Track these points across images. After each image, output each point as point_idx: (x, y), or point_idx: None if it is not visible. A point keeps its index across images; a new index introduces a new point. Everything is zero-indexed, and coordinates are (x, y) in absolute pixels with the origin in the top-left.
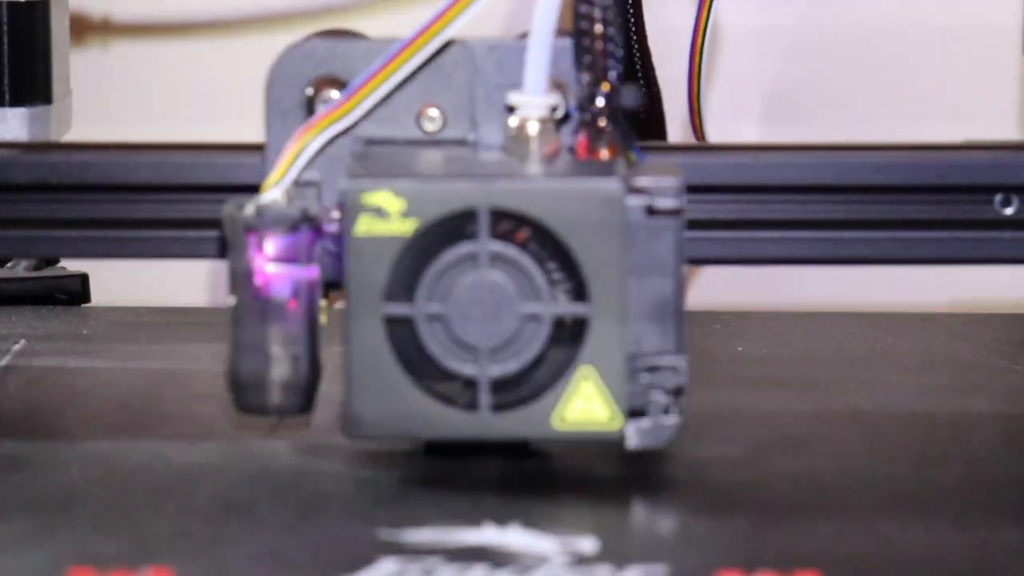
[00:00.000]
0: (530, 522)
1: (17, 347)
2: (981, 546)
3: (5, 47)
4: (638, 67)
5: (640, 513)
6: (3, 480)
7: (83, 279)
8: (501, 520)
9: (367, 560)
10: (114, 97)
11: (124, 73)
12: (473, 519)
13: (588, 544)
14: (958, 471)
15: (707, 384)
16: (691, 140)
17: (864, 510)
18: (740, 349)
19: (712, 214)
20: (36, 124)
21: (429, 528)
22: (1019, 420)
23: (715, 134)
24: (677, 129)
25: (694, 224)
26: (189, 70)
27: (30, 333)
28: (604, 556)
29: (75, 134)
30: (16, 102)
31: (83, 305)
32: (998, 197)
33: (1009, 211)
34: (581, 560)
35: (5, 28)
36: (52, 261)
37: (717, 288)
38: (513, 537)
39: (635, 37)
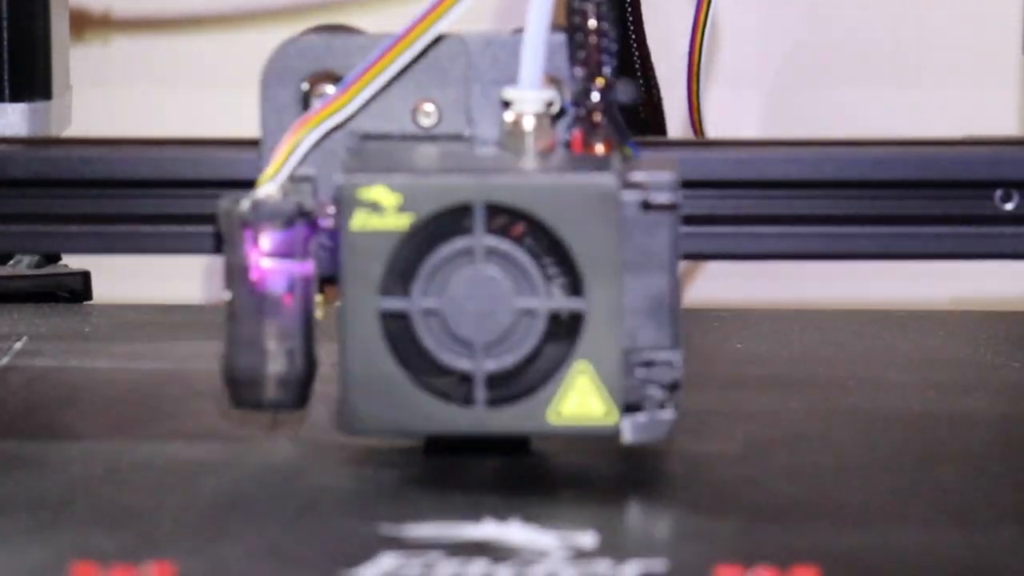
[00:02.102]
0: (530, 517)
1: (19, 345)
2: (979, 542)
3: (5, 42)
4: (637, 65)
5: (639, 508)
6: (5, 477)
7: (85, 277)
8: (501, 515)
9: (368, 555)
10: (114, 92)
11: (124, 68)
12: (473, 514)
13: (588, 539)
14: (956, 467)
15: (706, 381)
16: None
17: (862, 506)
18: (739, 346)
19: (712, 209)
20: (36, 119)
21: (429, 523)
22: (1017, 417)
23: (714, 133)
24: (676, 127)
25: (694, 219)
26: (189, 65)
27: (32, 331)
28: (603, 551)
29: (75, 129)
30: (16, 97)
31: (85, 303)
32: (998, 192)
33: (1009, 206)
34: (581, 555)
35: (5, 23)
36: (54, 258)
37: (717, 284)
38: (513, 532)
39: (634, 36)
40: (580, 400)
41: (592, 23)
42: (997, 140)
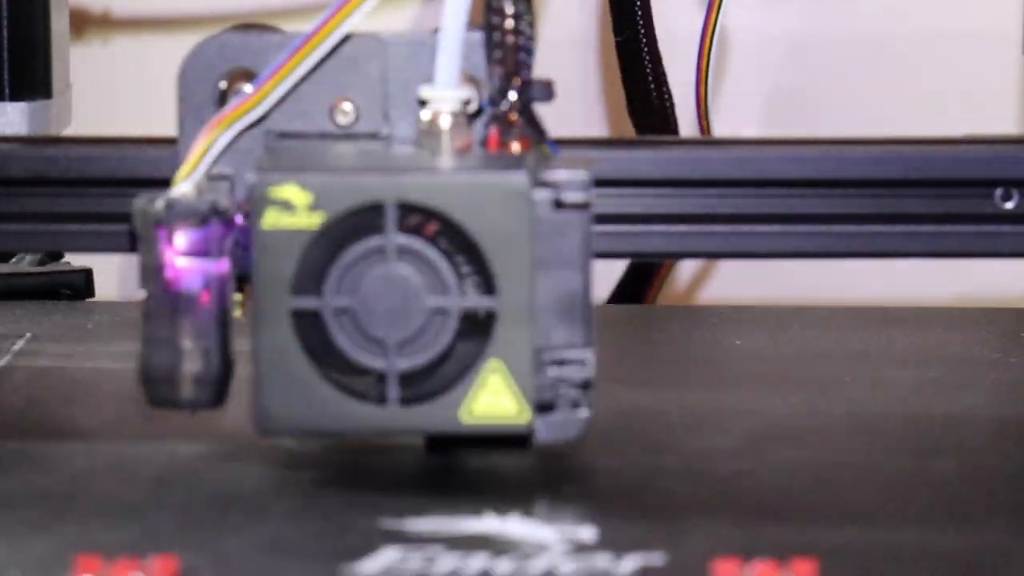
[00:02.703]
0: (530, 511)
1: (21, 342)
2: (976, 537)
3: (5, 41)
4: (648, 69)
5: (638, 502)
6: (9, 472)
7: (87, 274)
8: (501, 509)
9: (369, 548)
10: (114, 91)
11: (124, 68)
12: (474, 508)
13: (587, 533)
14: (953, 463)
15: (705, 377)
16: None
17: (860, 501)
18: (738, 343)
19: (713, 208)
20: (36, 118)
21: (430, 517)
22: (1015, 414)
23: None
24: (686, 131)
25: (695, 219)
26: None
27: (34, 328)
28: (603, 545)
29: (75, 128)
30: (16, 96)
31: (87, 300)
32: (998, 191)
33: (1009, 205)
34: (580, 548)
35: (5, 22)
36: (56, 256)
37: (717, 282)
38: (513, 526)
39: (645, 41)
40: (492, 399)
41: (509, 22)
42: (997, 139)
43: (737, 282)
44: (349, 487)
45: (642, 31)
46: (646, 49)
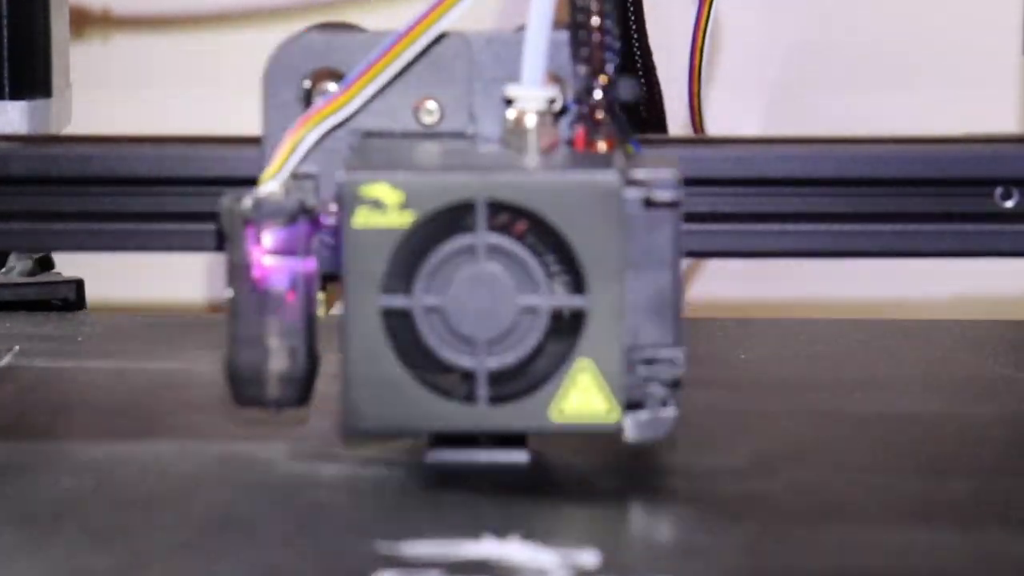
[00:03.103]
0: (530, 534)
1: (12, 353)
2: (987, 556)
3: (5, 40)
4: (639, 63)
5: (642, 524)
6: None
7: (78, 285)
8: (501, 532)
9: (365, 573)
10: (114, 90)
11: (124, 67)
12: (473, 531)
13: (589, 557)
14: (963, 480)
15: (710, 393)
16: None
17: (869, 520)
18: (743, 357)
19: (711, 207)
20: (36, 117)
21: (428, 541)
22: (1023, 427)
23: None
24: (676, 127)
25: (694, 217)
26: (188, 64)
27: (25, 339)
28: (606, 569)
29: (75, 127)
30: (16, 95)
31: (78, 311)
32: (998, 190)
33: (1009, 204)
34: (582, 573)
35: (5, 21)
36: (47, 266)
37: (716, 281)
38: (513, 550)
39: (636, 35)
40: (582, 398)
41: (595, 20)
42: (997, 138)
43: (734, 282)
44: (344, 509)
45: (633, 29)
46: (637, 47)
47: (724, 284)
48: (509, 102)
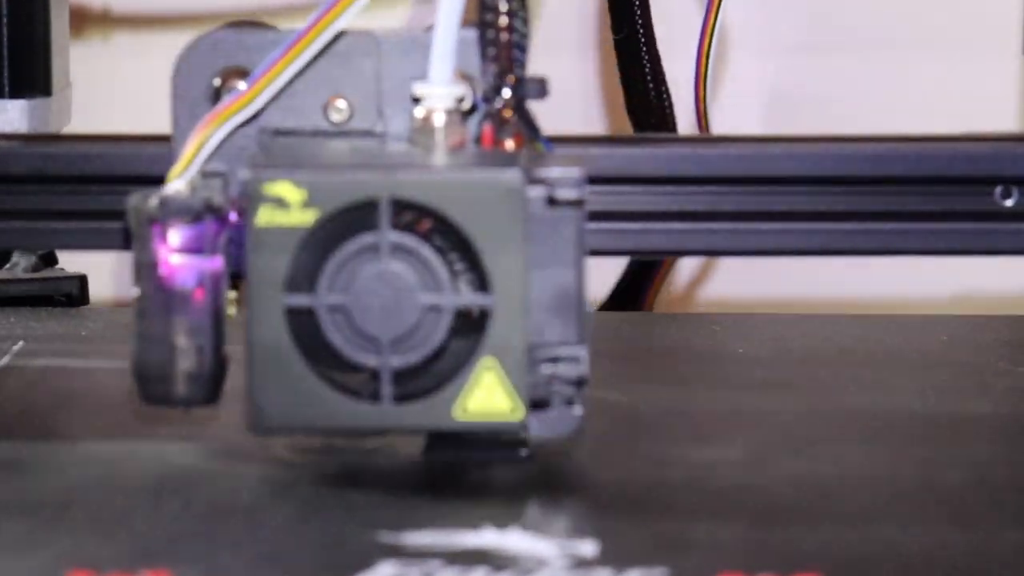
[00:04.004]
0: (530, 525)
1: (15, 349)
2: (982, 548)
3: (5, 39)
4: (647, 68)
5: (640, 516)
6: (1, 483)
7: (81, 281)
8: (501, 523)
9: (366, 563)
10: (114, 89)
11: (124, 65)
12: (473, 522)
13: (588, 547)
14: (959, 473)
15: (708, 386)
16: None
17: (865, 512)
18: (741, 351)
19: (713, 205)
20: (36, 116)
21: (429, 531)
22: (1020, 423)
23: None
24: (685, 131)
25: (696, 216)
26: None
27: (28, 335)
28: (604, 559)
29: (75, 126)
30: (16, 94)
31: (81, 307)
32: (998, 189)
33: (1009, 203)
34: (581, 563)
35: (5, 20)
36: (50, 262)
37: (717, 280)
38: (513, 540)
39: (644, 39)
40: (486, 396)
41: (503, 20)
42: (997, 136)
43: (736, 280)
44: (346, 500)
45: (640, 29)
46: (644, 47)
47: (725, 283)
48: (417, 100)
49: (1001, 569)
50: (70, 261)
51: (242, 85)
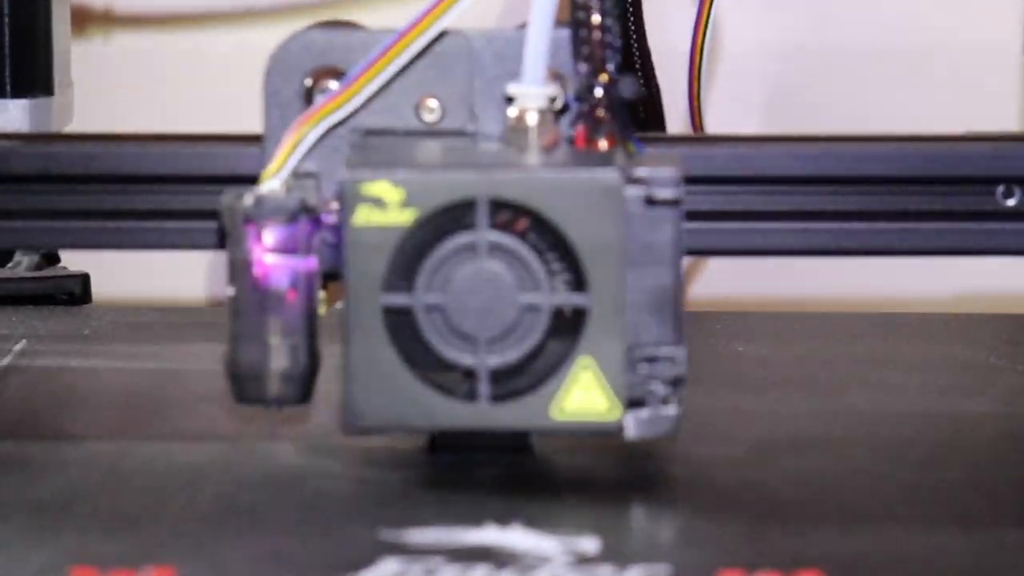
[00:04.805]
0: (532, 522)
1: (18, 347)
2: (982, 546)
3: (6, 38)
4: (637, 63)
5: (642, 513)
6: (4, 480)
7: (84, 279)
8: (503, 520)
9: (369, 560)
10: (115, 88)
11: (125, 64)
12: (475, 519)
13: (590, 544)
14: (959, 471)
15: (708, 384)
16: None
17: (866, 510)
18: (741, 349)
19: (712, 205)
20: (37, 115)
21: (431, 528)
22: (1020, 421)
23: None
24: (674, 126)
25: (694, 215)
26: (190, 61)
27: (31, 333)
28: (606, 556)
29: (76, 125)
30: (18, 93)
31: (84, 305)
32: (1000, 188)
33: (1011, 202)
34: (583, 560)
35: (6, 19)
36: (53, 261)
37: (717, 280)
38: (515, 537)
39: (635, 36)
40: (583, 396)
41: (596, 18)
42: (998, 136)
43: (734, 279)
44: (348, 497)
45: (632, 26)
46: (636, 48)
47: (724, 282)
48: (510, 100)
49: (1000, 567)
50: (73, 260)
51: (334, 85)
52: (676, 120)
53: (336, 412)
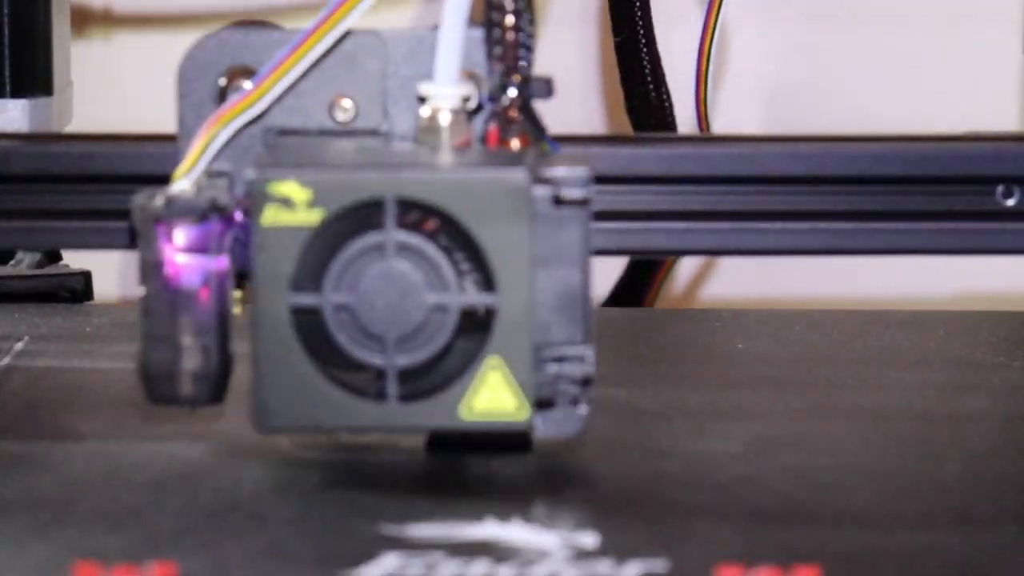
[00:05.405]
0: (531, 517)
1: (20, 345)
2: (980, 542)
3: (6, 38)
4: (648, 70)
5: (641, 508)
6: (7, 477)
7: (86, 277)
8: (503, 515)
9: (369, 555)
10: (115, 88)
11: (125, 64)
12: (475, 514)
13: (589, 539)
14: (956, 468)
15: (707, 381)
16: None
17: (863, 506)
18: (740, 346)
19: (714, 205)
20: (37, 115)
21: (431, 523)
22: (1017, 417)
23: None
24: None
25: (695, 216)
26: None
27: (33, 331)
28: (605, 551)
29: (76, 125)
30: (17, 93)
31: (86, 303)
32: (999, 188)
33: (1011, 202)
34: (582, 555)
35: (6, 19)
36: (55, 259)
37: (717, 280)
38: (515, 532)
39: (644, 42)
40: (492, 395)
41: (510, 19)
42: (998, 136)
43: (738, 279)
44: (349, 492)
45: (641, 31)
46: (645, 50)
47: (725, 283)
48: (423, 100)
49: (997, 563)
50: (74, 258)
51: (248, 85)
52: (679, 121)
53: (246, 415)
